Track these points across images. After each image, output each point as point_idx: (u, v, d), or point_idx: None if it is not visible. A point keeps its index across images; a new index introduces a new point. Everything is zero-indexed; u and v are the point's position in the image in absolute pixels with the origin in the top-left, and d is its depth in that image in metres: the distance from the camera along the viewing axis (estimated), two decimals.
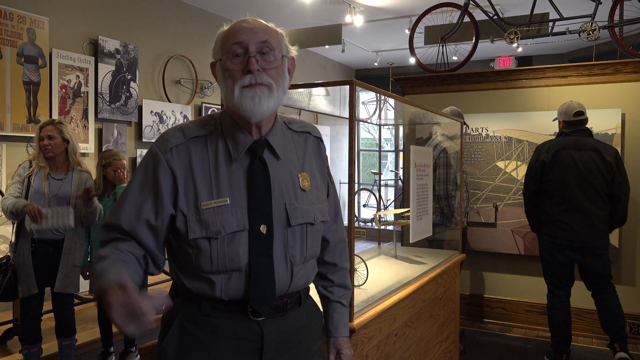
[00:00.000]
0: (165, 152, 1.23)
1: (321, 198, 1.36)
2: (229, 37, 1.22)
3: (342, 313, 1.49)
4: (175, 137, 1.24)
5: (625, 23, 4.15)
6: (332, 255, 1.48)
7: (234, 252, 1.20)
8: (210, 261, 1.20)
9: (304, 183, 1.30)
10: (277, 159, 1.27)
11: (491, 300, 4.43)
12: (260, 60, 1.20)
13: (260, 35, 1.21)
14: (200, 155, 1.24)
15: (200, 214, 1.20)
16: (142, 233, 1.22)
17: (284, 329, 1.27)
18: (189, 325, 1.24)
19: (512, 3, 6.00)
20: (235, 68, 1.20)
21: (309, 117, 8.65)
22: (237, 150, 1.24)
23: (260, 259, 1.21)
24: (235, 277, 1.21)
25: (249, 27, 1.22)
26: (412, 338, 2.36)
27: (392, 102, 2.86)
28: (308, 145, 1.37)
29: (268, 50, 1.21)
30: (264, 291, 1.21)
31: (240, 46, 1.20)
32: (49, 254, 2.99)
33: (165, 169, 1.22)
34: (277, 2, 6.25)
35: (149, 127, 5.68)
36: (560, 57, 8.42)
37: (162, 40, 5.92)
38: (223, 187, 1.21)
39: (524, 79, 4.30)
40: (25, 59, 4.46)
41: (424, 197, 2.85)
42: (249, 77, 1.18)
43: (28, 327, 2.96)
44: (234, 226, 1.20)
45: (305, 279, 1.32)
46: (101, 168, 3.37)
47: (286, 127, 1.35)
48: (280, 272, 1.24)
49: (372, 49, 8.59)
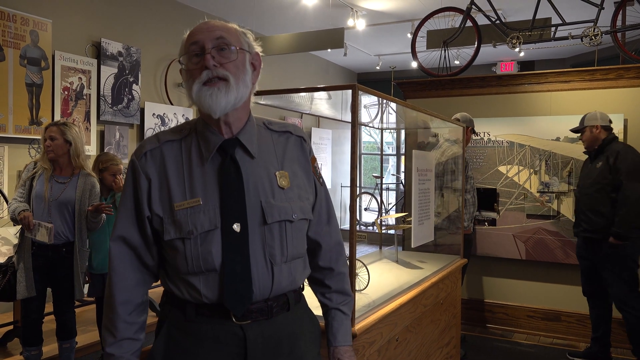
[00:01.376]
0: (139, 158, 1.27)
1: (303, 196, 1.33)
2: (188, 39, 1.24)
3: (342, 321, 1.44)
4: (149, 143, 1.29)
5: (628, 28, 4.15)
6: (327, 260, 1.44)
7: (207, 251, 1.20)
8: (186, 262, 1.21)
9: (282, 181, 1.29)
10: (251, 158, 1.27)
11: (492, 305, 4.41)
12: (217, 56, 1.21)
13: (216, 32, 1.22)
14: (174, 158, 1.26)
15: (174, 215, 1.22)
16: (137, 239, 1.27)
17: (270, 335, 1.25)
18: (175, 331, 1.25)
19: (515, 8, 6.01)
20: (193, 67, 1.22)
21: (310, 121, 8.66)
22: (208, 150, 1.25)
23: (234, 257, 1.20)
24: (212, 278, 1.21)
25: (205, 26, 1.24)
26: (413, 343, 2.35)
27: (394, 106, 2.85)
28: (289, 144, 1.36)
29: (225, 46, 1.22)
30: (239, 291, 1.20)
31: (197, 46, 1.22)
32: (49, 258, 2.99)
33: (140, 175, 1.26)
34: (280, 6, 6.25)
35: (151, 129, 5.69)
36: (563, 62, 8.42)
37: (164, 43, 5.93)
38: (196, 188, 1.23)
39: (526, 83, 4.30)
40: (28, 61, 4.47)
41: (425, 201, 2.85)
42: (206, 72, 1.20)
43: (29, 329, 2.96)
44: (206, 225, 1.20)
45: (290, 280, 1.29)
46: (97, 172, 3.33)
47: (265, 127, 1.36)
48: (259, 271, 1.23)
49: (374, 53, 8.59)
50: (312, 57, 8.70)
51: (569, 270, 4.12)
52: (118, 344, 1.25)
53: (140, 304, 1.29)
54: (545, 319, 4.23)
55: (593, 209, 3.46)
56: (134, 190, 1.27)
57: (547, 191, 4.18)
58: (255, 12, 6.34)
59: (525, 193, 4.25)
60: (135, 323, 1.27)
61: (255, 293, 1.22)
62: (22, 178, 3.02)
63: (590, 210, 3.48)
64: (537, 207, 4.22)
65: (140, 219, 1.26)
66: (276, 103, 2.51)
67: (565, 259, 4.11)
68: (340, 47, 6.00)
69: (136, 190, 1.26)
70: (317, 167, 1.43)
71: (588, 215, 3.49)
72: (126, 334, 1.26)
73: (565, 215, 4.12)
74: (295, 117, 7.84)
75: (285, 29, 6.92)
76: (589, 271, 3.62)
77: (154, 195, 1.25)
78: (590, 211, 3.48)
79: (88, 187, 3.03)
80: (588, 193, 3.51)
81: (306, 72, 8.52)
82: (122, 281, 1.26)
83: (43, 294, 3.01)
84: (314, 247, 1.42)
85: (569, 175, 4.11)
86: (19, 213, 2.87)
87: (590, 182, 3.51)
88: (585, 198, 3.53)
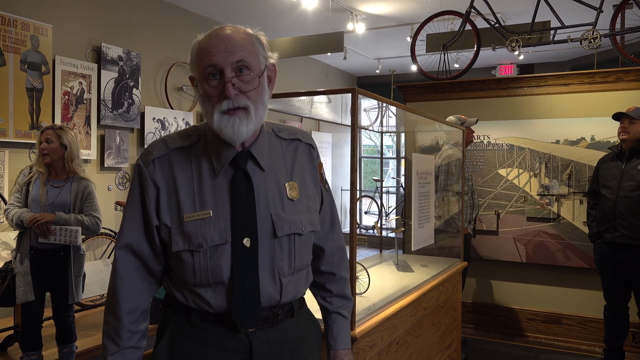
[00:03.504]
0: (147, 164, 1.24)
1: (312, 207, 1.32)
2: (204, 56, 1.19)
3: (342, 324, 1.44)
4: (157, 149, 1.25)
5: (627, 31, 4.16)
6: (329, 265, 1.44)
7: (216, 265, 1.19)
8: (194, 274, 1.20)
9: (292, 192, 1.28)
10: (262, 170, 1.25)
11: (493, 308, 4.41)
12: (237, 82, 1.17)
13: (235, 55, 1.17)
14: (184, 167, 1.23)
15: (183, 226, 1.20)
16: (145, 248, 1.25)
17: (275, 341, 1.25)
18: (179, 337, 1.24)
19: (514, 11, 6.02)
20: (212, 93, 1.18)
21: (310, 124, 8.67)
22: (219, 162, 1.22)
23: (243, 272, 1.19)
24: (220, 291, 1.20)
25: (222, 46, 1.18)
26: (413, 347, 2.34)
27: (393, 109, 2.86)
28: (298, 153, 1.35)
29: (245, 69, 1.18)
30: (247, 306, 1.19)
31: (215, 69, 1.17)
32: (47, 262, 3.00)
33: (148, 182, 1.23)
34: (280, 10, 6.27)
35: (151, 133, 5.69)
36: (562, 65, 8.43)
37: (164, 47, 5.94)
38: (206, 200, 1.21)
39: (526, 86, 4.31)
40: (28, 66, 4.48)
41: (425, 204, 2.85)
42: (227, 102, 1.16)
43: (28, 334, 2.96)
44: (216, 239, 1.19)
45: (297, 290, 1.29)
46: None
47: (274, 135, 1.33)
48: (267, 285, 1.22)
49: (374, 57, 8.61)
50: (312, 61, 8.71)
51: (569, 273, 4.12)
52: (121, 353, 1.23)
53: (144, 312, 1.28)
54: (546, 322, 4.23)
55: (636, 214, 3.23)
56: (141, 198, 1.23)
57: (547, 194, 4.18)
58: (255, 16, 6.36)
59: (526, 196, 4.26)
60: (139, 331, 1.26)
61: (263, 305, 1.22)
62: (18, 183, 3.03)
63: (632, 214, 3.24)
64: (537, 210, 4.22)
65: (148, 228, 1.24)
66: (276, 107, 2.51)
67: (566, 261, 4.10)
68: (340, 50, 6.01)
69: (144, 198, 1.23)
70: (323, 174, 1.42)
71: (629, 219, 3.25)
72: (129, 343, 1.24)
73: (565, 218, 4.12)
74: (296, 120, 7.84)
75: (285, 33, 6.93)
76: (618, 278, 3.41)
77: (162, 204, 1.22)
78: (632, 216, 3.24)
79: (82, 189, 3.05)
80: (630, 197, 3.26)
81: (306, 76, 8.53)
82: (128, 290, 1.24)
83: (42, 298, 3.01)
84: (316, 251, 1.42)
85: (568, 178, 4.11)
86: (30, 220, 2.88)
87: (634, 184, 3.26)
88: (626, 201, 3.27)
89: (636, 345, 3.85)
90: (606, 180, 3.41)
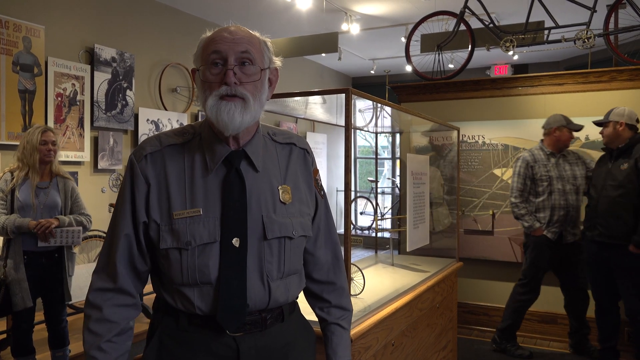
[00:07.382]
0: (139, 160, 1.23)
1: (304, 212, 1.31)
2: (209, 45, 1.20)
3: (341, 335, 1.41)
4: (150, 145, 1.24)
5: (621, 31, 4.17)
6: (326, 274, 1.42)
7: (203, 264, 1.18)
8: (181, 273, 1.19)
9: (285, 196, 1.27)
10: (256, 171, 1.25)
11: (488, 308, 4.40)
12: (239, 73, 1.18)
13: (241, 45, 1.19)
14: (176, 164, 1.23)
15: (173, 224, 1.19)
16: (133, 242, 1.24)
17: (264, 346, 1.23)
18: (167, 340, 1.23)
19: (508, 11, 6.03)
20: (213, 79, 1.18)
21: (305, 125, 8.66)
22: (213, 160, 1.22)
23: (231, 272, 1.18)
24: (207, 291, 1.19)
25: (229, 37, 1.19)
26: (409, 348, 2.34)
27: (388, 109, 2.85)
28: (292, 157, 1.34)
29: (248, 61, 1.19)
30: (233, 307, 1.18)
31: (219, 56, 1.18)
32: (42, 265, 2.97)
33: (139, 178, 1.22)
34: (274, 10, 6.26)
35: (145, 135, 5.66)
36: (556, 65, 8.46)
37: (158, 48, 5.92)
38: (197, 198, 1.20)
39: (520, 86, 4.31)
40: (20, 68, 4.45)
41: (420, 205, 2.84)
42: (225, 88, 1.17)
43: (20, 339, 2.93)
44: (205, 237, 1.18)
45: (287, 296, 1.27)
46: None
47: (270, 138, 1.33)
48: (255, 287, 1.20)
49: (368, 57, 8.61)
50: (307, 62, 8.70)
51: None
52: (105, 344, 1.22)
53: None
54: (541, 322, 4.23)
55: (614, 214, 3.26)
56: (131, 193, 1.23)
57: None
58: (249, 17, 6.34)
59: None
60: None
61: (251, 308, 1.20)
62: (1, 190, 2.94)
63: (610, 214, 3.27)
64: None
65: (135, 224, 1.22)
66: (271, 108, 2.50)
67: None
68: (335, 51, 6.00)
69: (133, 193, 1.22)
70: (318, 180, 1.40)
71: (607, 219, 3.29)
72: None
73: None
74: (290, 121, 7.83)
75: (279, 34, 6.92)
76: (602, 278, 3.45)
77: (152, 200, 1.21)
78: (610, 215, 3.27)
79: (69, 189, 3.06)
80: (610, 196, 3.29)
81: (301, 77, 8.52)
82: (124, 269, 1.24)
83: (34, 303, 2.99)
84: (312, 260, 1.39)
85: None
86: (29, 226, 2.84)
87: (614, 184, 3.27)
88: (606, 201, 3.30)
89: (631, 345, 3.85)
90: (594, 179, 3.48)
